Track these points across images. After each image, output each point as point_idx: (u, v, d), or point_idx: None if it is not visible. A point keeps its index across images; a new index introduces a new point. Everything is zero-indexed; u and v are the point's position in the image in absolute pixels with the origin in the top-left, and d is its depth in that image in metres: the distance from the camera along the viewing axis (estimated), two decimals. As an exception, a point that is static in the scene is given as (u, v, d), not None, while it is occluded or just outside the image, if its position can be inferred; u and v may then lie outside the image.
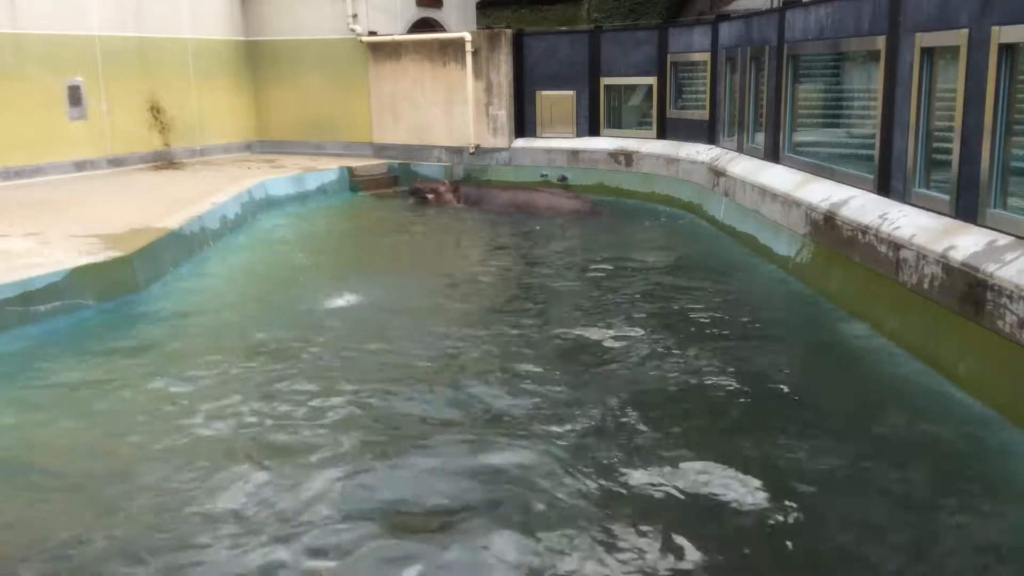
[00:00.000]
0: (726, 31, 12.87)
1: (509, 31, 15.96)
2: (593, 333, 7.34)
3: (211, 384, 6.23)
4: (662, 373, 6.38)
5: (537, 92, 15.84)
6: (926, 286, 6.38)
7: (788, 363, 6.74)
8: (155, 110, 15.62)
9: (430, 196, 14.50)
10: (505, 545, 4.15)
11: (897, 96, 7.66)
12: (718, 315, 7.92)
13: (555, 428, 5.41)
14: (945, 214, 6.72)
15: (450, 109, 16.36)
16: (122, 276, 8.23)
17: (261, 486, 4.74)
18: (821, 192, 8.74)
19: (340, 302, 8.36)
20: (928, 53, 7.13)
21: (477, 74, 15.93)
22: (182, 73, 16.16)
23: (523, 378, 6.30)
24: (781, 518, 4.42)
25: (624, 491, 4.65)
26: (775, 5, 13.46)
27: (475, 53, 15.81)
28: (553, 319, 7.83)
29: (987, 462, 5.02)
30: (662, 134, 14.69)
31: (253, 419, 5.61)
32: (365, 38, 16.71)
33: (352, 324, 7.68)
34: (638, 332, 7.35)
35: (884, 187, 7.84)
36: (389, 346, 7.04)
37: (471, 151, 16.21)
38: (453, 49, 16.08)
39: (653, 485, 4.71)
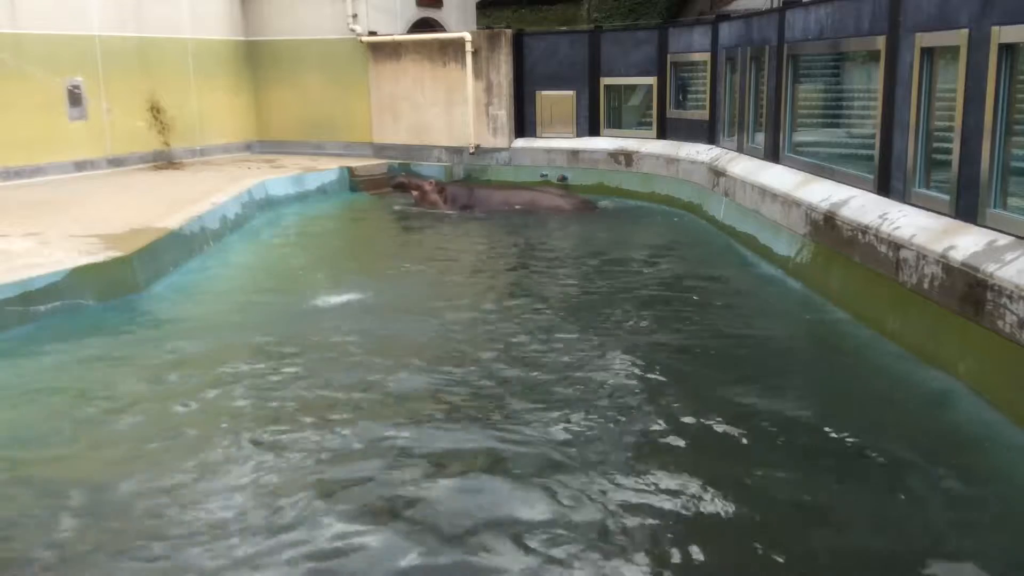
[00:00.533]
0: (726, 31, 12.87)
1: (509, 31, 15.96)
2: (592, 332, 7.33)
3: (210, 383, 6.23)
4: (661, 372, 6.38)
5: (537, 92, 15.84)
6: (926, 286, 6.38)
7: (788, 363, 6.74)
8: (155, 110, 15.62)
9: (414, 194, 14.03)
10: (514, 542, 4.17)
11: (897, 96, 7.66)
12: (717, 315, 7.92)
13: (552, 425, 5.41)
14: (945, 214, 6.72)
15: (450, 109, 16.36)
16: (122, 276, 8.23)
17: (259, 484, 4.74)
18: (821, 192, 8.74)
19: (340, 301, 8.36)
20: (928, 53, 7.13)
21: (477, 74, 15.93)
22: (182, 73, 16.16)
23: (521, 374, 6.30)
24: (780, 513, 4.42)
25: (624, 485, 4.65)
26: (775, 5, 13.46)
27: (475, 53, 15.81)
28: (552, 318, 7.82)
29: (987, 462, 5.02)
30: (662, 134, 14.69)
31: (253, 418, 5.61)
32: (365, 38, 16.71)
33: (352, 323, 7.67)
34: (636, 331, 7.34)
35: (884, 187, 7.84)
36: (388, 344, 7.04)
37: (471, 151, 16.21)
38: (453, 49, 16.08)
39: (650, 481, 4.71)
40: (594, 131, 15.52)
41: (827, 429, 5.42)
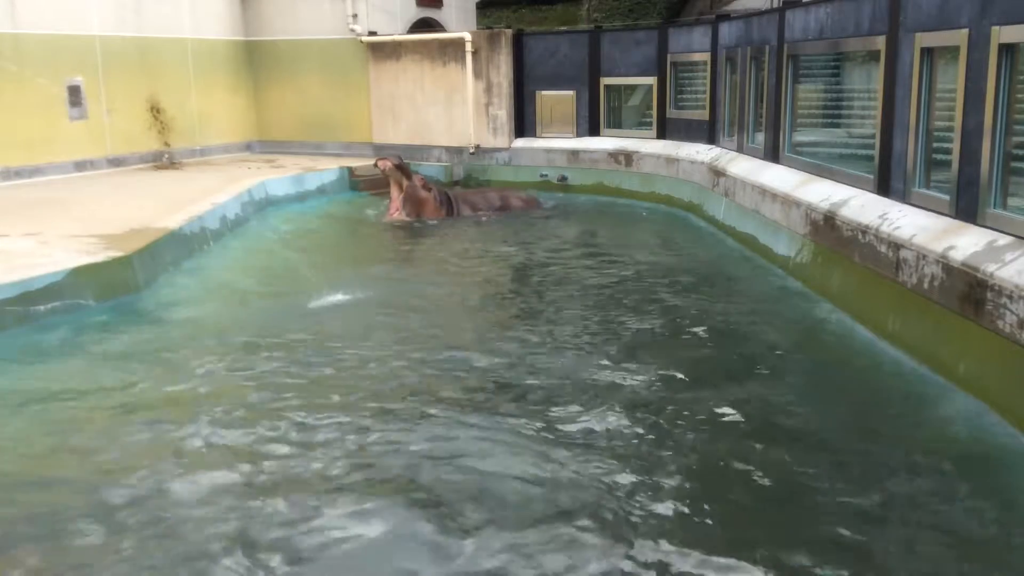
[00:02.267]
0: (726, 31, 12.87)
1: (509, 31, 15.95)
2: (591, 331, 7.33)
3: (209, 383, 6.23)
4: (660, 372, 6.37)
5: (537, 92, 15.84)
6: (926, 286, 6.37)
7: (788, 364, 6.73)
8: (155, 110, 15.62)
9: (404, 184, 12.51)
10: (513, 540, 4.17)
11: (897, 96, 7.65)
12: (717, 315, 7.91)
13: (547, 425, 5.42)
14: (945, 214, 6.72)
15: (450, 109, 16.36)
16: (122, 276, 8.22)
17: (259, 483, 4.74)
18: (821, 192, 8.74)
19: (340, 301, 8.36)
20: (928, 53, 7.13)
21: (477, 74, 15.93)
22: (182, 73, 16.16)
23: (518, 374, 6.31)
24: (778, 515, 4.42)
25: (621, 484, 4.65)
26: (775, 5, 13.46)
27: (475, 53, 15.81)
28: (549, 318, 7.82)
29: (986, 463, 5.01)
30: (662, 134, 14.69)
31: (250, 418, 5.61)
32: (365, 38, 16.71)
33: (351, 323, 7.67)
34: (636, 331, 7.34)
35: (884, 187, 7.83)
36: (387, 344, 7.04)
37: (471, 151, 16.21)
38: (453, 49, 16.08)
39: (648, 484, 4.71)
40: (594, 131, 15.52)
41: (825, 430, 5.43)
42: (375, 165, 13.15)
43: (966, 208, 6.44)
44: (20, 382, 6.35)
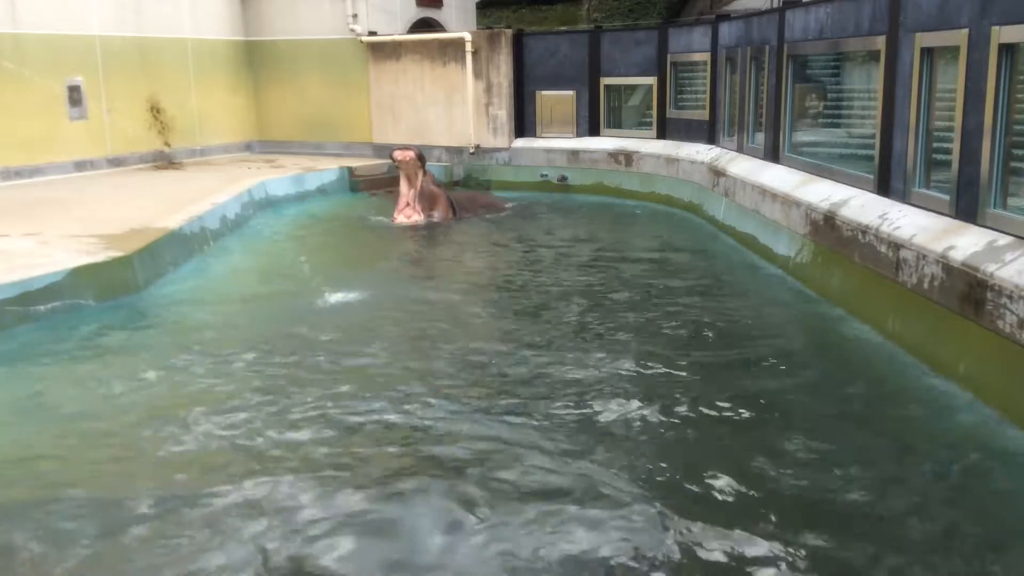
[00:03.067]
0: (726, 31, 12.87)
1: (509, 31, 15.96)
2: (591, 330, 7.33)
3: (209, 383, 6.22)
4: (660, 372, 6.38)
5: (537, 92, 15.84)
6: (926, 286, 6.38)
7: (787, 363, 6.73)
8: (155, 110, 15.62)
9: (421, 178, 12.23)
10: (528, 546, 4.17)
11: (897, 96, 7.66)
12: (717, 315, 7.91)
13: (548, 427, 5.42)
14: (945, 214, 6.72)
15: (450, 109, 16.36)
16: (122, 276, 8.22)
17: (256, 485, 4.74)
18: (821, 192, 8.74)
19: (339, 301, 8.36)
20: (928, 53, 7.13)
21: (477, 74, 15.93)
22: (182, 73, 16.17)
23: (517, 373, 6.31)
24: (777, 516, 4.42)
25: (623, 485, 4.66)
26: (775, 5, 13.47)
27: (475, 53, 15.81)
28: (549, 316, 7.82)
29: (986, 462, 5.01)
30: (662, 134, 14.70)
31: (251, 419, 5.61)
32: (365, 38, 16.71)
33: (351, 322, 7.67)
34: (635, 330, 7.34)
35: (884, 187, 7.84)
36: (387, 344, 7.04)
37: (471, 151, 16.22)
38: (453, 49, 16.09)
39: (654, 482, 4.72)
40: (594, 131, 15.52)
41: (825, 430, 5.42)
42: (391, 156, 12.68)
43: (966, 208, 6.44)
44: (20, 382, 6.34)
